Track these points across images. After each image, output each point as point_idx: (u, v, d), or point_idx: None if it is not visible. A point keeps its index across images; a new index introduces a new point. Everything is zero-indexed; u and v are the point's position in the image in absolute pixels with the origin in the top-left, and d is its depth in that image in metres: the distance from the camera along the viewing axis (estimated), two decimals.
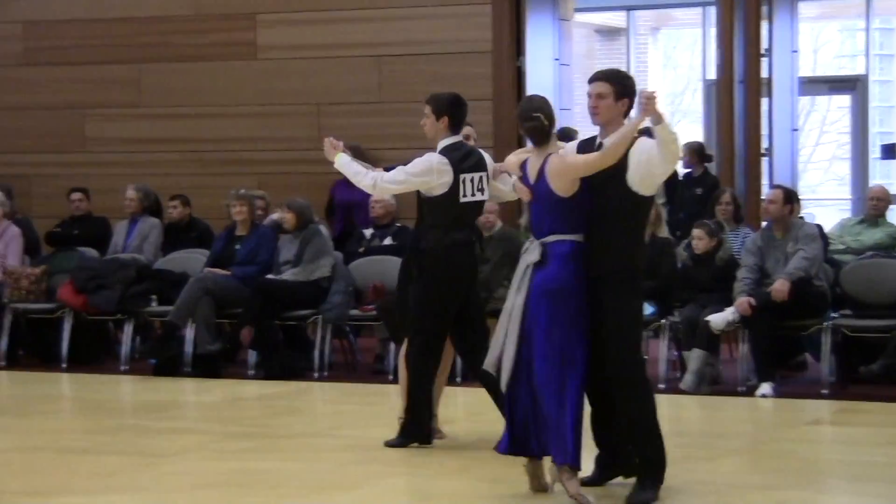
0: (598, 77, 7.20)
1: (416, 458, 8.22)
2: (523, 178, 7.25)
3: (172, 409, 10.64)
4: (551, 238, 7.06)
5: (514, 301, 7.09)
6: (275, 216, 12.77)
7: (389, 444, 8.49)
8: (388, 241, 12.74)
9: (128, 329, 12.50)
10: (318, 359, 11.92)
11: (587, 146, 7.20)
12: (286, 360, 11.93)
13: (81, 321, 12.63)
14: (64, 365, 12.46)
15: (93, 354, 12.82)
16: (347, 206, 13.89)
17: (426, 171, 8.38)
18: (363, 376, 12.05)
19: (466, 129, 8.89)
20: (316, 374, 11.86)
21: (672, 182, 14.28)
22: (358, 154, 14.04)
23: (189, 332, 11.98)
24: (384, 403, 10.90)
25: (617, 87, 7.16)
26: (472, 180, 8.39)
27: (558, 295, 7.00)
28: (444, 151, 8.45)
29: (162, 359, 12.11)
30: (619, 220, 7.06)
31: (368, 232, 12.84)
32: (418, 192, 8.53)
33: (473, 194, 8.41)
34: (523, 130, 7.25)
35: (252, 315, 11.84)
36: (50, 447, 8.79)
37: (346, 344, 12.66)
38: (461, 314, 8.44)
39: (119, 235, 13.48)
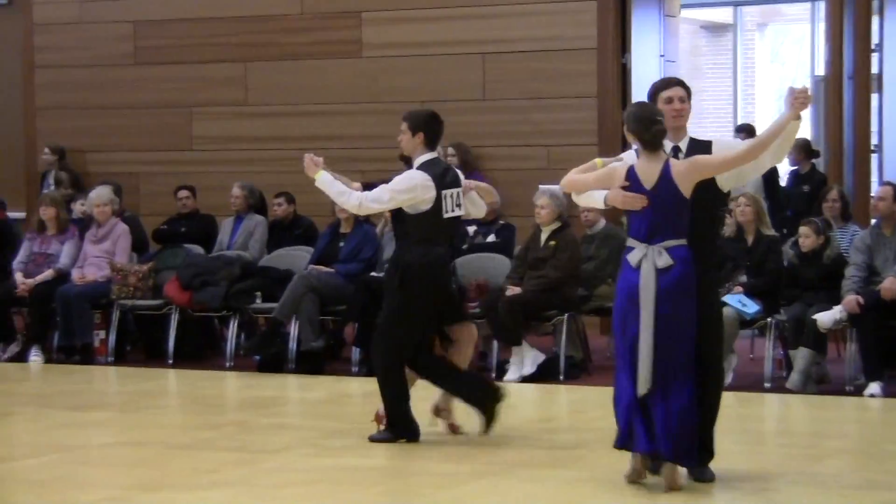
0: (677, 82, 7.44)
1: (516, 457, 8.18)
2: (632, 187, 7.20)
3: (276, 406, 10.69)
4: (672, 242, 7.16)
5: (648, 309, 7.13)
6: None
7: (373, 439, 8.62)
8: (491, 238, 12.73)
9: (232, 326, 12.58)
10: None
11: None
12: None
13: (187, 318, 12.74)
14: (170, 361, 12.58)
15: (198, 350, 12.93)
16: None
17: (411, 189, 8.53)
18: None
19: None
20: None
21: (772, 179, 14.11)
22: (462, 152, 14.14)
23: (293, 329, 12.04)
24: None
25: (689, 92, 7.42)
26: (451, 196, 8.63)
27: (690, 297, 7.17)
28: (424, 167, 8.63)
29: (266, 355, 12.18)
30: (704, 218, 7.28)
31: (472, 229, 12.81)
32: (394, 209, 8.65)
33: (453, 210, 8.65)
34: (647, 135, 7.17)
35: (356, 312, 11.87)
36: (155, 442, 8.87)
37: None
38: (443, 316, 8.65)
39: (224, 233, 13.59)
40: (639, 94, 14.63)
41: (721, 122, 16.69)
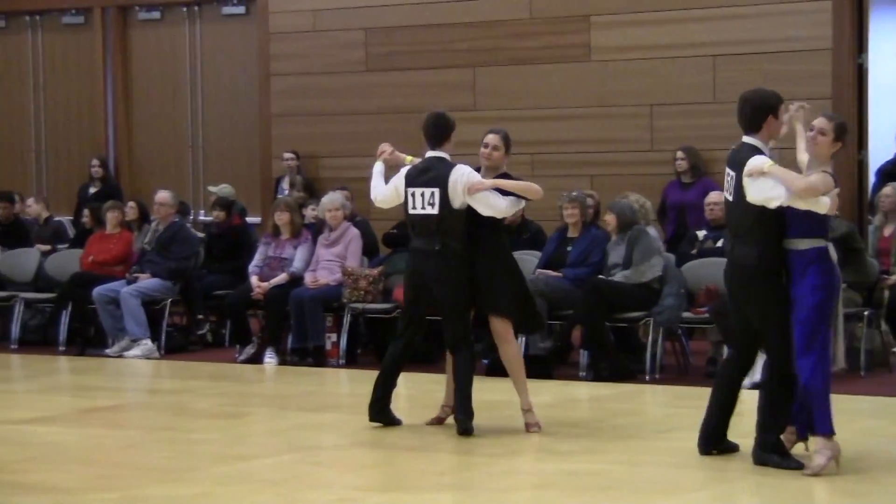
0: None
1: (748, 464, 8.02)
2: None
3: (504, 409, 10.67)
4: None
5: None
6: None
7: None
8: (721, 242, 12.53)
9: None
10: (650, 361, 11.82)
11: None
12: (617, 362, 11.87)
13: None
14: None
15: (427, 354, 13.00)
16: (680, 207, 13.75)
17: (394, 184, 9.40)
18: (695, 379, 11.87)
19: (489, 138, 9.41)
20: (647, 377, 11.77)
21: None
22: (692, 156, 13.96)
23: None
24: None
25: None
26: (422, 195, 9.13)
27: None
28: (415, 165, 9.39)
29: (495, 359, 12.20)
30: None
31: (702, 233, 12.65)
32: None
33: (424, 207, 9.14)
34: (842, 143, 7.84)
35: (584, 316, 11.82)
36: (385, 444, 8.96)
37: (677, 346, 12.51)
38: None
39: None
40: (877, 95, 14.27)
41: None
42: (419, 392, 11.70)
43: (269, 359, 13.04)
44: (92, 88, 17.91)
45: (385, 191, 9.49)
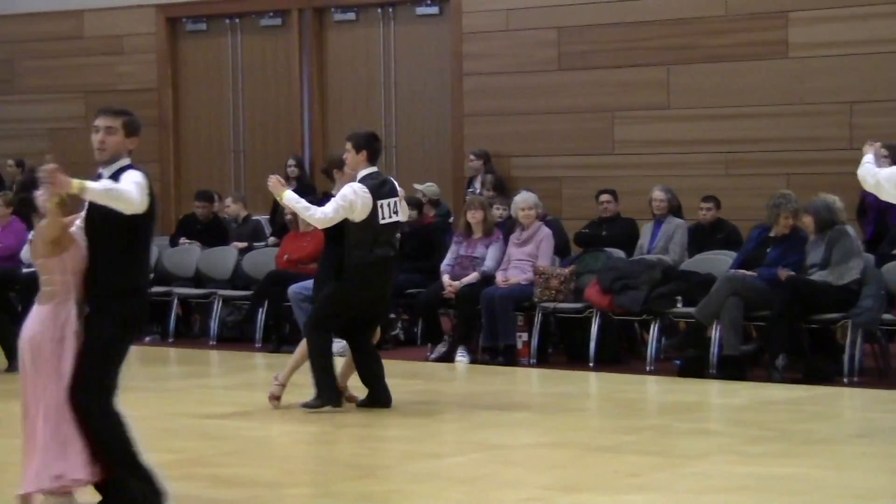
0: None
1: None
2: None
3: (697, 411, 10.59)
4: None
5: None
6: None
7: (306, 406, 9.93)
8: None
9: (653, 330, 12.54)
10: (848, 363, 11.56)
11: None
12: (814, 364, 11.64)
13: (608, 321, 12.78)
14: (591, 364, 12.65)
15: (618, 354, 12.95)
16: (880, 207, 13.40)
17: (352, 199, 9.72)
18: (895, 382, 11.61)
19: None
20: (845, 380, 11.51)
21: None
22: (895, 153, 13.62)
23: (715, 333, 11.89)
24: None
25: None
26: (388, 205, 9.89)
27: None
28: (364, 180, 9.84)
29: (687, 360, 12.08)
30: None
31: None
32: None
33: (390, 216, 9.92)
34: None
35: (780, 316, 11.60)
36: (576, 444, 8.92)
37: (877, 349, 12.21)
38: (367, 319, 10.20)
39: (644, 236, 13.58)
40: None
41: None
42: (610, 391, 11.63)
43: (461, 357, 13.10)
44: (289, 89, 18.21)
45: (333, 207, 9.79)
